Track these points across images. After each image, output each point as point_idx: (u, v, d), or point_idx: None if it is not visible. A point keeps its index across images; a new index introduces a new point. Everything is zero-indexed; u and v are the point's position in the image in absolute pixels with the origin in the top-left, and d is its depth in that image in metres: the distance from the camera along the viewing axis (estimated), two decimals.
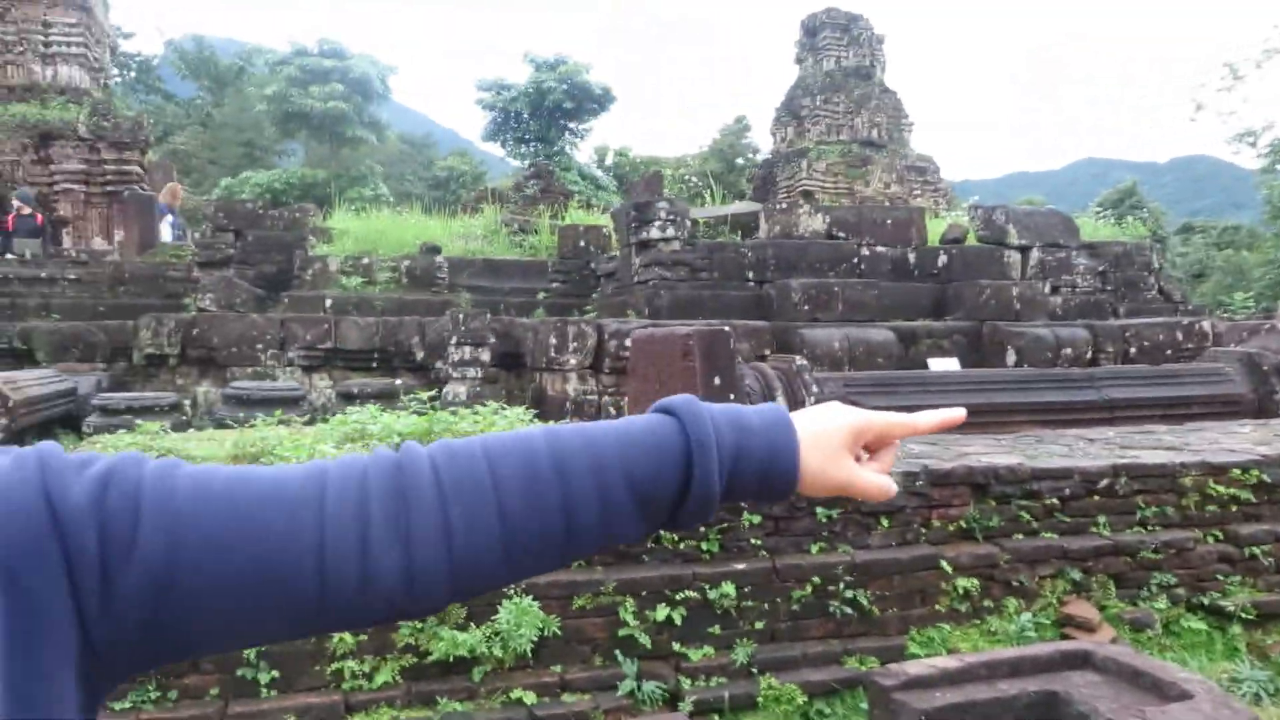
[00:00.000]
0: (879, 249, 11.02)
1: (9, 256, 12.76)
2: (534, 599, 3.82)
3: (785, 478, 0.78)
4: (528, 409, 7.87)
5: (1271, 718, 3.63)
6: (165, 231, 15.52)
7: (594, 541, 0.74)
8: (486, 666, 3.76)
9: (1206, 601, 4.58)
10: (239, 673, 3.58)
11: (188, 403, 9.01)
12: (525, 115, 33.76)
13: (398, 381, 9.24)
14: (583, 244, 12.76)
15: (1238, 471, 4.93)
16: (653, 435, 0.75)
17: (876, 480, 0.83)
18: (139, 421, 6.09)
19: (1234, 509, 4.89)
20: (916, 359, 9.27)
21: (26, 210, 14.14)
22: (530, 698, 3.68)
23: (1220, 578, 4.70)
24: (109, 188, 15.71)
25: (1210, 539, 4.79)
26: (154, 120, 24.42)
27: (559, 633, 3.85)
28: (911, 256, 11.23)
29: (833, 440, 0.80)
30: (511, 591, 3.80)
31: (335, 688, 3.66)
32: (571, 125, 34.78)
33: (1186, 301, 13.05)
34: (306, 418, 6.77)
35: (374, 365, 10.20)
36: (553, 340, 8.94)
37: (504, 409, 7.14)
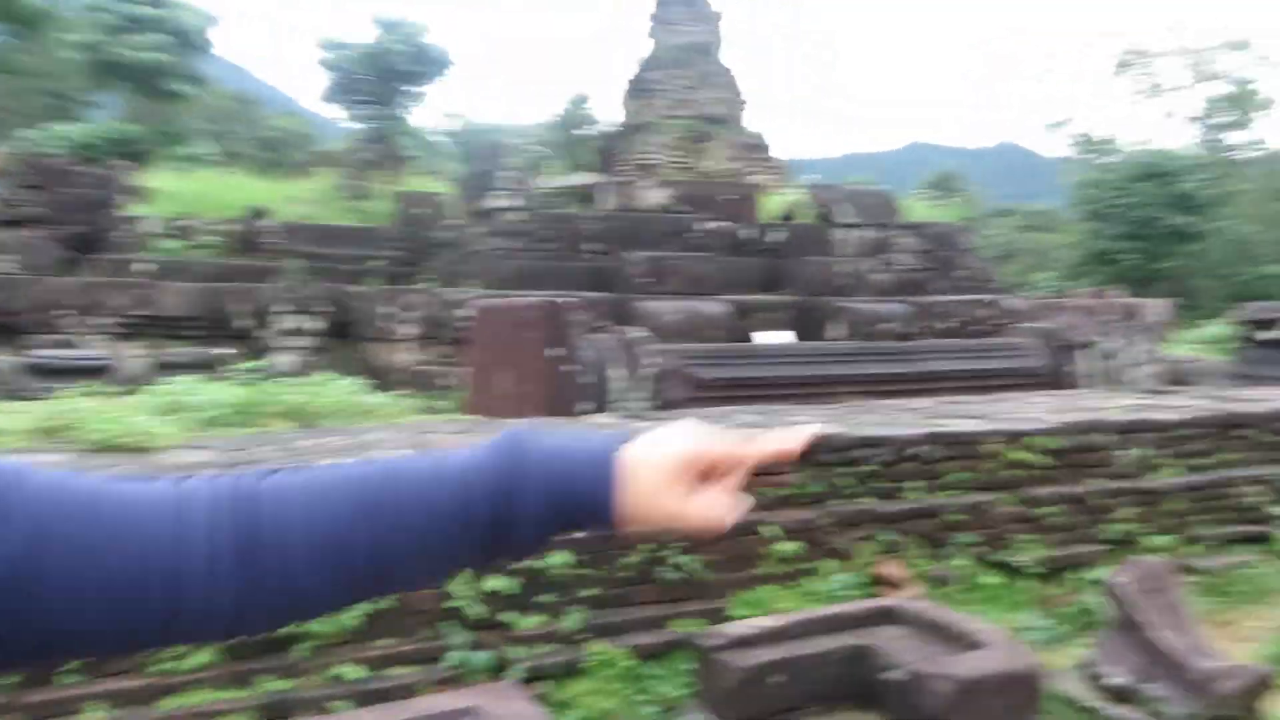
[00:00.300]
0: (716, 224, 11.28)
1: None
2: None
3: (604, 514, 0.77)
4: (361, 379, 7.67)
5: (1054, 662, 3.98)
6: None
7: (416, 574, 0.77)
8: (312, 643, 3.67)
9: (1002, 558, 4.97)
10: None
11: None
12: (366, 76, 32.52)
13: (220, 351, 8.80)
14: (421, 211, 12.47)
15: (1033, 439, 5.36)
16: (477, 473, 0.76)
17: (705, 514, 0.79)
18: None
19: (1029, 473, 5.31)
20: (750, 332, 9.57)
21: None
22: (356, 672, 3.62)
23: (1015, 536, 5.10)
24: None
25: (1007, 501, 5.19)
26: None
27: (391, 605, 3.79)
28: (747, 233, 11.56)
29: (659, 472, 0.77)
30: None
31: (147, 671, 3.49)
32: (411, 89, 33.78)
33: (996, 280, 13.99)
34: (118, 389, 6.37)
35: (194, 334, 9.68)
36: (388, 309, 8.73)
37: (335, 380, 6.93)
